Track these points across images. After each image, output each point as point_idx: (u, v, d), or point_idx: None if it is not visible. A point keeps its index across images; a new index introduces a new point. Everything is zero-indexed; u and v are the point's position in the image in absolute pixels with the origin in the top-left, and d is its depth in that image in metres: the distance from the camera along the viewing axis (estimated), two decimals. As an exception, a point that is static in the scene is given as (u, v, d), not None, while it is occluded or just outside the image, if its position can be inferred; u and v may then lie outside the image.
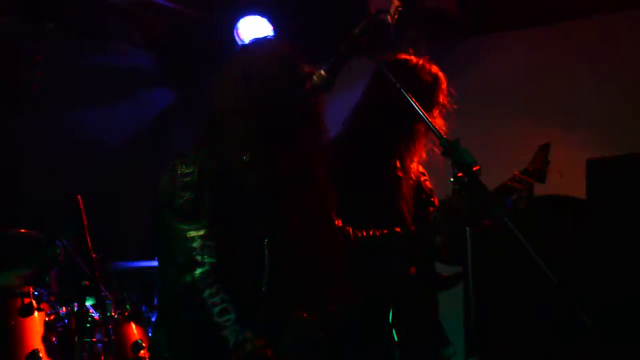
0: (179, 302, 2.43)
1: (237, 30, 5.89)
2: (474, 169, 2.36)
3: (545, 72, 5.39)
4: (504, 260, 4.21)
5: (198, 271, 2.37)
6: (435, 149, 3.41)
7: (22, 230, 4.17)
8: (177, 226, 2.43)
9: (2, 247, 4.68)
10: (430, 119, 2.61)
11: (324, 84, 2.68)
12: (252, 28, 5.88)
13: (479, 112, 5.43)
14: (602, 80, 5.18)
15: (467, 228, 2.36)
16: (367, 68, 3.20)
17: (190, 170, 2.48)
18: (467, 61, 5.50)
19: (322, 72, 2.69)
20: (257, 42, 2.79)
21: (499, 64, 5.52)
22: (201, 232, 2.41)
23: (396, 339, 3.13)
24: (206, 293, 2.36)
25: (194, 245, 2.39)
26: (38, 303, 4.08)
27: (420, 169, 3.54)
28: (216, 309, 2.35)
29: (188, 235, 2.41)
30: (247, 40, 5.80)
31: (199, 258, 2.38)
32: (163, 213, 2.49)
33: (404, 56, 3.42)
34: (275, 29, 5.83)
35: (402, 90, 2.58)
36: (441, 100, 3.40)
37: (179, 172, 2.49)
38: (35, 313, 4.02)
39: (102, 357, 4.19)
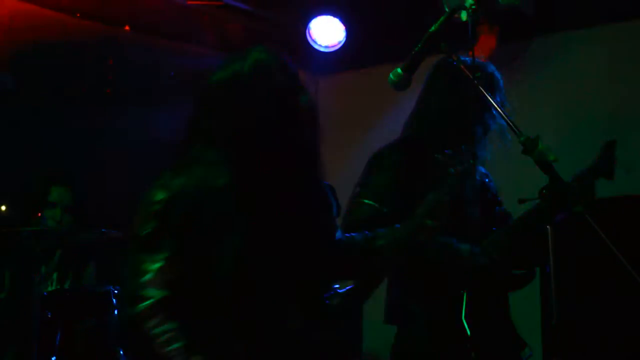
0: (125, 328, 2.44)
1: (309, 31, 5.92)
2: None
3: (621, 69, 5.29)
4: (582, 259, 4.14)
5: (141, 305, 2.33)
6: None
7: (103, 230, 4.25)
8: (136, 255, 2.39)
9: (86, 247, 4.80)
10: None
11: (401, 83, 2.69)
12: (324, 28, 5.89)
13: (553, 110, 5.36)
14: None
15: (548, 227, 2.33)
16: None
17: (161, 197, 2.41)
18: (541, 59, 5.43)
19: (399, 70, 2.69)
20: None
21: (573, 62, 5.43)
22: (156, 265, 2.36)
23: (469, 333, 3.11)
24: (149, 324, 2.32)
25: (144, 279, 2.35)
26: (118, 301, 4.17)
27: (483, 169, 3.51)
28: (160, 340, 2.31)
29: (142, 267, 2.36)
30: (319, 40, 5.87)
31: (145, 292, 2.34)
32: (130, 238, 2.45)
33: (457, 56, 3.40)
34: (347, 29, 5.83)
35: (479, 87, 2.56)
36: (498, 100, 3.36)
37: (150, 199, 2.43)
38: (116, 311, 4.10)
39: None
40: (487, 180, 3.53)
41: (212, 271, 2.40)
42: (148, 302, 2.33)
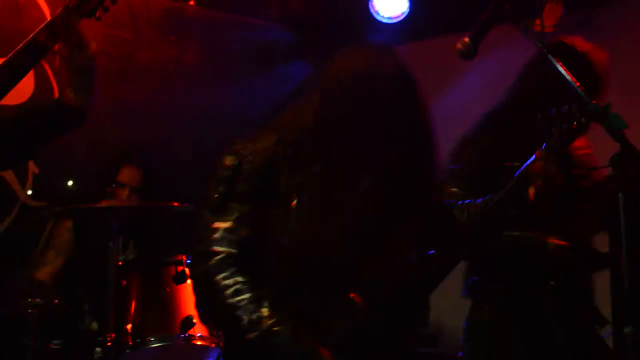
0: (196, 287, 2.60)
1: (372, 2, 5.92)
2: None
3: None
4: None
5: (213, 260, 2.42)
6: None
7: (175, 204, 4.32)
8: (206, 214, 2.49)
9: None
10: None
11: (468, 51, 2.70)
12: (387, 0, 5.89)
13: (618, 79, 5.29)
14: None
15: (620, 195, 2.32)
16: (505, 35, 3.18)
17: (231, 163, 2.49)
18: (606, 29, 5.35)
19: (466, 39, 2.70)
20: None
21: (637, 32, 5.35)
22: (226, 225, 2.45)
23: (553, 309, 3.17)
24: (219, 276, 2.41)
25: (215, 235, 2.44)
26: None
27: (579, 143, 3.45)
28: (229, 291, 2.38)
29: (212, 225, 2.45)
30: (382, 12, 5.86)
31: (216, 248, 2.43)
32: (201, 201, 2.54)
33: (569, 40, 3.40)
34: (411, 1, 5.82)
35: (562, 71, 2.54)
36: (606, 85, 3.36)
37: (222, 163, 2.52)
38: (189, 280, 4.16)
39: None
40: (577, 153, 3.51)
41: (276, 237, 2.48)
42: (218, 256, 2.42)
